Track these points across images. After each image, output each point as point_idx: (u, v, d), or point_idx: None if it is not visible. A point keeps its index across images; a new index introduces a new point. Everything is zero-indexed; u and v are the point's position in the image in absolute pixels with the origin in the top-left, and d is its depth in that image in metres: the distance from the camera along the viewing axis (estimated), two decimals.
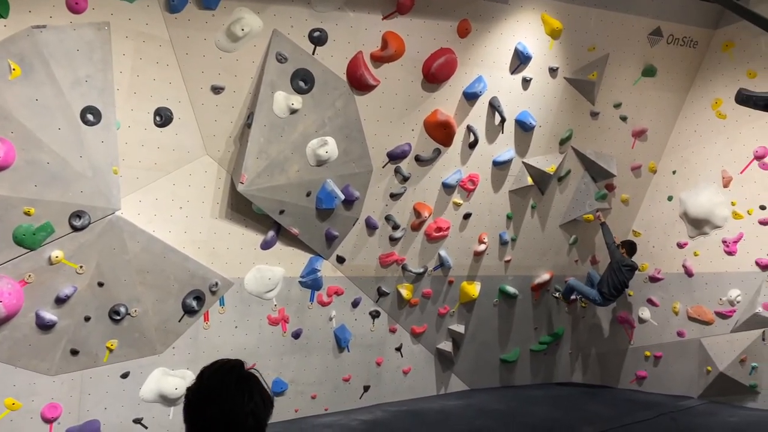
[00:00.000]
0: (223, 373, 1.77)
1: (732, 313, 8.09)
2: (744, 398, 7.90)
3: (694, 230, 8.59)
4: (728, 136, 8.33)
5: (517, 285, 8.93)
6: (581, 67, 8.23)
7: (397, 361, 8.21)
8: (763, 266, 7.84)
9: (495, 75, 7.79)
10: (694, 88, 8.78)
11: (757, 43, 8.04)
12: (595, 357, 9.47)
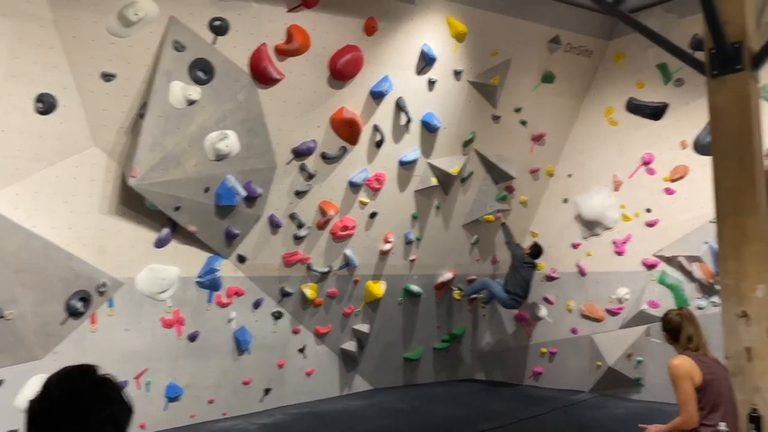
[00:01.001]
0: (73, 378, 1.58)
1: (620, 311, 8.53)
2: (630, 391, 8.34)
3: (587, 231, 8.99)
4: (619, 143, 8.78)
5: (421, 284, 9.02)
6: (484, 71, 8.42)
7: (300, 363, 8.05)
8: (648, 266, 8.31)
9: (401, 75, 7.81)
10: (589, 95, 9.21)
11: (645, 55, 8.51)
12: (496, 354, 9.73)
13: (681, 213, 8.03)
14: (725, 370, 4.18)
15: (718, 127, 4.76)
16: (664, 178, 8.30)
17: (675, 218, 8.08)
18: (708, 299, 7.67)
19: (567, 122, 9.32)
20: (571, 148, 9.35)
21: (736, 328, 4.54)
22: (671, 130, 8.24)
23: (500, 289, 8.80)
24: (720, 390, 4.00)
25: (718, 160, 4.76)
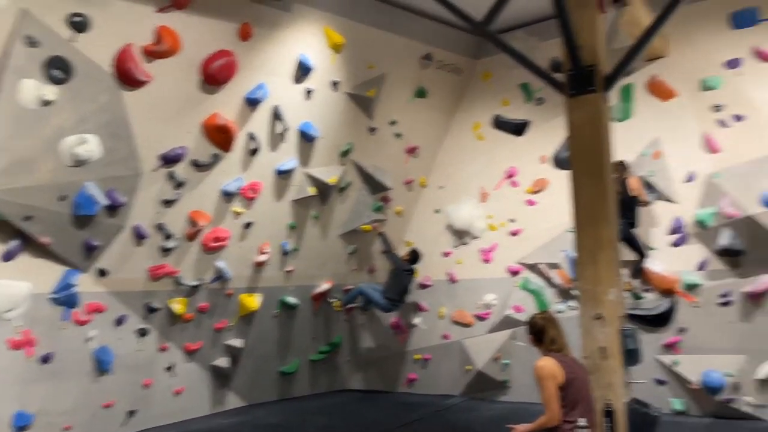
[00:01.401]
0: None
1: (488, 316, 8.94)
2: (498, 393, 8.75)
3: (457, 240, 9.36)
4: (486, 156, 9.25)
5: (298, 295, 8.90)
6: (361, 83, 8.52)
7: (167, 382, 7.62)
8: (512, 272, 8.80)
9: (278, 83, 7.70)
10: (459, 111, 9.62)
11: (510, 75, 9.04)
12: (372, 363, 9.81)
13: (541, 223, 8.58)
14: (584, 369, 4.48)
15: (575, 143, 5.15)
16: (526, 190, 8.84)
17: (536, 228, 8.63)
18: (566, 303, 8.24)
19: (439, 136, 9.66)
20: (442, 160, 9.71)
21: (592, 330, 4.92)
22: (532, 146, 8.82)
23: (378, 295, 8.92)
24: (580, 388, 4.27)
25: (576, 173, 5.15)
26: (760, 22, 7.40)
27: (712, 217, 7.38)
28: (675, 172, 7.76)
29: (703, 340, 7.39)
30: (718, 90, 7.58)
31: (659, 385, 7.55)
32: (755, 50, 7.40)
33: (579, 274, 5.08)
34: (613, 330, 4.85)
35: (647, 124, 7.98)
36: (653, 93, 8.04)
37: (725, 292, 7.30)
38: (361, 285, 9.20)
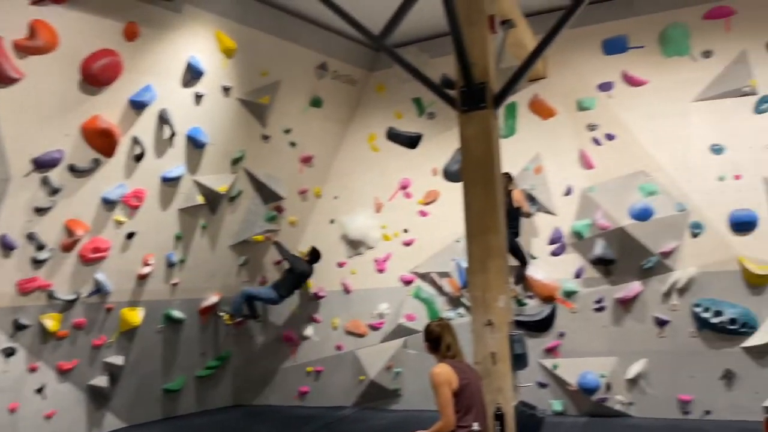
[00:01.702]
0: None
1: (381, 325, 9.03)
2: (390, 402, 8.85)
3: (351, 251, 9.39)
4: (380, 167, 9.38)
5: (184, 309, 8.52)
6: (254, 90, 8.35)
7: (37, 405, 7.00)
8: (405, 282, 8.96)
9: (165, 86, 7.36)
10: (354, 122, 9.69)
11: (403, 88, 9.25)
12: (262, 377, 9.58)
13: (433, 233, 8.82)
14: (477, 374, 4.64)
15: (467, 156, 5.34)
16: (418, 201, 9.06)
17: (428, 238, 8.85)
18: (455, 311, 8.50)
19: (333, 146, 9.67)
20: (337, 170, 9.72)
21: (483, 336, 5.10)
22: (424, 158, 9.05)
23: (267, 290, 8.84)
24: (473, 393, 4.41)
25: (468, 185, 5.33)
26: (629, 49, 8.10)
27: (587, 228, 7.92)
28: (554, 185, 8.27)
29: (580, 344, 7.90)
30: (592, 110, 8.19)
31: (541, 387, 7.97)
32: (625, 75, 8.08)
33: (470, 282, 5.25)
34: (502, 336, 5.05)
35: (529, 141, 8.46)
36: (534, 111, 8.53)
37: (599, 298, 7.86)
38: (242, 290, 8.94)
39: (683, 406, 7.39)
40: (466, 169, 5.32)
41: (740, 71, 7.55)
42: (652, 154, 7.83)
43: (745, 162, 7.42)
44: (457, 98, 5.38)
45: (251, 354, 9.63)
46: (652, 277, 7.64)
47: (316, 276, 9.40)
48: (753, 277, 7.20)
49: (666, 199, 7.67)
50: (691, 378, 7.38)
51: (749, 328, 7.15)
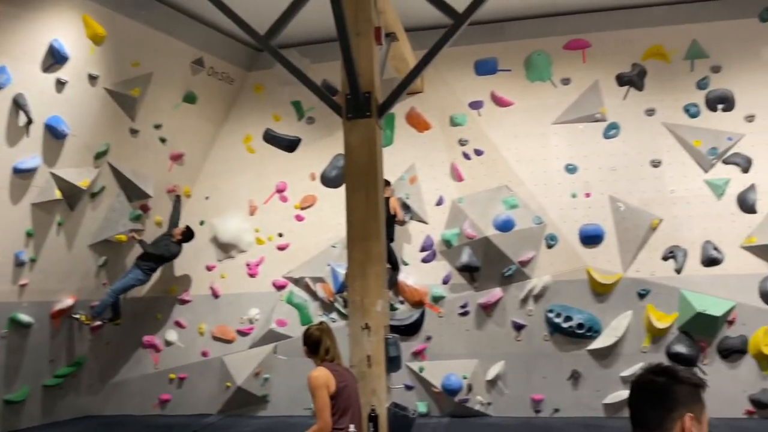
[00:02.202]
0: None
1: (251, 331, 8.85)
2: (257, 408, 8.69)
3: (222, 254, 9.12)
4: (256, 170, 9.21)
5: (32, 312, 7.79)
6: (124, 81, 7.87)
7: None
8: (278, 286, 8.86)
9: (23, 69, 6.74)
10: (229, 121, 9.44)
11: (282, 91, 9.18)
12: (118, 385, 9.01)
13: (308, 238, 8.82)
14: (354, 377, 4.71)
15: (351, 163, 5.43)
16: (295, 205, 9.01)
17: (303, 242, 8.84)
18: (328, 316, 8.56)
19: (206, 144, 9.35)
20: (209, 170, 9.40)
21: (360, 339, 5.20)
22: (302, 163, 9.04)
23: (131, 274, 8.44)
24: (350, 395, 4.47)
25: (350, 191, 5.42)
26: (498, 71, 8.67)
27: (455, 237, 8.35)
28: (427, 195, 8.63)
29: (445, 347, 8.28)
30: (464, 126, 8.66)
31: (408, 390, 8.24)
32: (493, 95, 8.63)
33: (350, 287, 5.34)
34: (378, 339, 5.18)
35: (405, 152, 8.76)
36: (411, 124, 8.85)
37: (464, 303, 8.30)
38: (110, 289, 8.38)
39: (535, 405, 7.99)
40: (350, 175, 5.41)
41: (593, 99, 8.37)
42: (515, 170, 8.43)
43: (595, 181, 8.23)
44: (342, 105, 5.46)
45: (108, 361, 9.00)
46: (511, 284, 8.21)
47: (183, 280, 9.02)
48: (598, 286, 7.98)
49: (526, 213, 8.28)
50: (543, 378, 8.01)
51: (594, 332, 7.90)
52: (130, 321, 8.93)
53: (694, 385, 1.77)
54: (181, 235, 8.61)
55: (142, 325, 9.07)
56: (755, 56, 8.08)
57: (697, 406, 1.75)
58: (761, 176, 7.84)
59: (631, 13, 8.39)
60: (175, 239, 8.59)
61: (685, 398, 1.75)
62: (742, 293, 7.64)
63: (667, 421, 1.73)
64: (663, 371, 1.79)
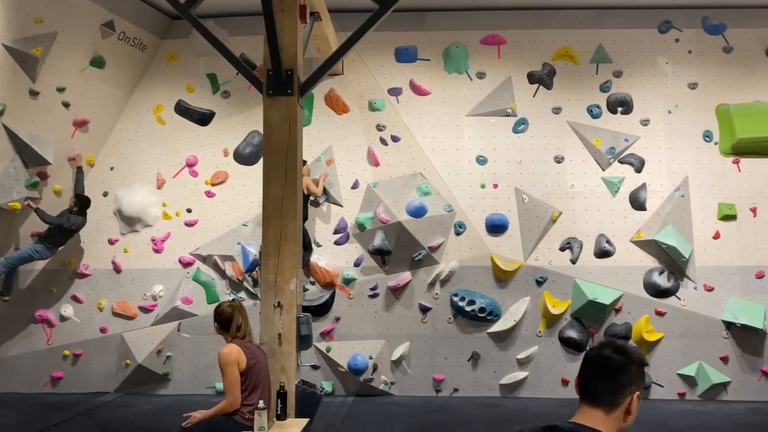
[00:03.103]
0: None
1: (154, 307, 8.59)
2: (158, 386, 8.47)
3: (126, 227, 8.76)
4: (166, 142, 8.89)
5: None
6: (25, 38, 7.35)
7: None
8: (185, 263, 8.63)
9: None
10: (139, 89, 9.03)
11: (197, 62, 8.89)
12: (4, 361, 8.48)
13: (219, 215, 8.65)
14: (264, 354, 4.74)
15: (270, 140, 5.40)
16: (206, 181, 8.79)
17: (213, 220, 8.65)
18: (236, 295, 8.45)
19: (114, 112, 8.90)
20: (115, 139, 8.96)
21: (272, 317, 5.22)
22: (216, 137, 8.82)
23: (32, 248, 7.97)
24: (260, 372, 4.51)
25: (268, 169, 5.39)
26: (418, 60, 8.83)
27: (369, 220, 8.47)
28: (343, 178, 8.68)
29: (353, 328, 8.42)
30: (382, 112, 8.76)
31: (314, 369, 8.32)
32: (412, 83, 8.79)
33: (263, 265, 5.33)
34: (290, 317, 5.22)
35: (323, 133, 8.76)
36: (330, 106, 8.85)
37: (374, 285, 8.46)
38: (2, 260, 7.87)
39: (437, 385, 8.31)
40: (268, 153, 5.37)
41: (505, 94, 8.72)
42: (429, 158, 8.65)
43: (503, 173, 8.60)
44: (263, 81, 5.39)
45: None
46: (420, 269, 8.46)
47: (83, 253, 8.60)
48: (500, 273, 8.38)
49: (437, 200, 8.54)
50: (445, 360, 8.34)
51: (494, 316, 8.30)
52: (22, 294, 8.42)
53: (644, 366, 1.93)
54: (75, 205, 8.15)
55: (34, 298, 8.56)
56: (653, 64, 8.71)
57: (642, 385, 1.91)
58: (652, 176, 8.51)
59: (543, 14, 8.80)
60: (73, 210, 8.14)
61: (638, 377, 1.89)
62: (629, 284, 8.29)
63: (618, 396, 1.85)
64: (620, 350, 1.91)
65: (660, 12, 8.76)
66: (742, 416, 7.25)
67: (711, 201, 8.44)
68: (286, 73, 5.32)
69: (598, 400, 1.86)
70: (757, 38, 8.73)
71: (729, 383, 8.09)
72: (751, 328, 8.04)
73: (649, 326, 8.19)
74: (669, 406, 7.69)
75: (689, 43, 8.74)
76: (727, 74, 8.68)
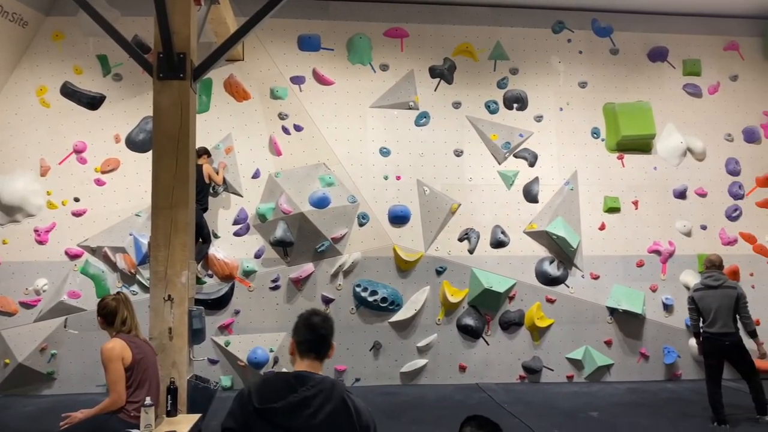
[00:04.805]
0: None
1: (37, 303, 8.04)
2: (41, 386, 7.94)
3: (5, 217, 8.13)
4: (50, 126, 8.31)
5: None
6: None
7: None
8: (72, 256, 8.12)
9: None
10: (20, 69, 8.38)
11: (86, 42, 8.37)
12: None
13: (110, 204, 8.19)
14: (152, 349, 4.54)
15: (160, 126, 5.16)
16: (95, 168, 8.30)
17: (103, 209, 8.19)
18: (129, 288, 8.06)
19: None
20: None
21: (162, 311, 5.01)
22: (106, 122, 8.35)
23: None
24: (147, 368, 4.31)
25: (158, 156, 5.16)
26: (321, 49, 8.75)
27: (271, 211, 8.32)
28: (243, 167, 8.47)
29: (253, 321, 8.26)
30: (284, 100, 8.62)
31: (212, 364, 8.09)
32: (315, 72, 8.70)
33: (153, 257, 5.10)
34: (182, 311, 5.03)
35: (222, 120, 8.50)
36: (229, 92, 8.60)
37: (276, 277, 8.33)
38: None
39: (338, 375, 8.31)
40: (158, 138, 5.14)
41: (408, 88, 8.82)
42: (333, 148, 8.61)
43: (405, 166, 8.71)
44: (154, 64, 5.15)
45: None
46: (323, 260, 8.41)
47: None
48: (402, 263, 8.50)
49: (341, 191, 8.52)
50: (347, 350, 8.36)
51: (396, 305, 8.41)
52: None
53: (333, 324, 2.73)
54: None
55: None
56: (546, 63, 9.11)
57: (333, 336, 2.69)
58: (544, 171, 8.91)
59: (444, 9, 8.97)
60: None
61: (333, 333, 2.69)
62: (522, 273, 8.65)
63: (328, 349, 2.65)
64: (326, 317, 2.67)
65: (554, 13, 9.16)
66: (623, 395, 7.77)
67: (597, 194, 8.96)
68: (178, 56, 5.10)
69: (321, 354, 2.57)
70: (641, 42, 9.33)
71: (612, 365, 8.64)
72: (632, 314, 8.63)
73: (540, 313, 8.59)
74: (558, 388, 8.11)
75: (580, 44, 9.21)
76: (614, 75, 9.22)
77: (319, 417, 2.33)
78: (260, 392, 2.38)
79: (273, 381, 2.43)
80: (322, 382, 2.43)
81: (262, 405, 2.34)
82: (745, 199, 9.23)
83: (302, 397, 2.35)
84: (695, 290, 6.53)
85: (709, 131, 9.30)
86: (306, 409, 2.33)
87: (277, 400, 2.34)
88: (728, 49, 9.51)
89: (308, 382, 2.41)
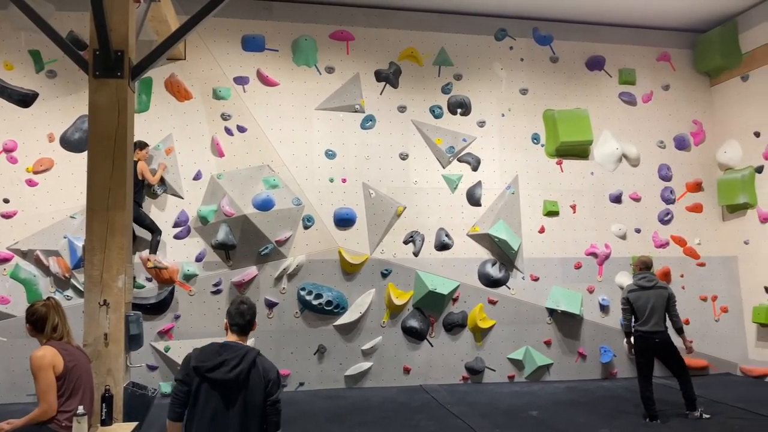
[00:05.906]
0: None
1: None
2: None
3: None
4: None
5: None
6: None
7: None
8: (0, 259, 7.74)
9: None
10: None
11: (17, 36, 8.02)
12: None
13: (42, 206, 7.87)
14: (85, 356, 4.38)
15: (96, 125, 5.00)
16: (27, 168, 7.95)
17: (35, 211, 7.86)
18: (62, 293, 7.76)
19: None
20: None
21: (97, 316, 4.85)
22: (39, 121, 8.01)
23: None
24: (80, 375, 4.16)
25: (93, 156, 5.00)
26: (265, 50, 8.65)
27: (212, 213, 8.17)
28: (184, 168, 8.29)
29: (195, 326, 8.08)
30: (227, 101, 8.48)
31: (151, 370, 7.87)
32: (260, 73, 8.60)
33: (88, 261, 4.93)
34: (118, 316, 4.88)
35: (162, 120, 8.29)
36: (170, 91, 8.40)
37: (218, 281, 8.18)
38: None
39: (283, 380, 8.22)
40: (94, 138, 4.97)
41: (354, 90, 8.83)
42: (277, 150, 8.53)
43: (351, 168, 8.71)
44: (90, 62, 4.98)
45: None
46: (267, 263, 8.32)
47: None
48: (348, 266, 8.49)
49: (286, 193, 8.44)
50: (291, 354, 8.29)
51: (341, 309, 8.39)
52: None
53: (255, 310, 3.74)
54: None
55: None
56: (489, 70, 9.29)
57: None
58: (486, 175, 9.08)
59: (389, 13, 9.03)
60: None
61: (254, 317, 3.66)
62: (465, 275, 8.79)
63: (251, 328, 3.62)
64: (251, 305, 3.62)
65: (496, 20, 9.36)
66: (562, 394, 7.98)
67: (537, 198, 9.20)
68: (116, 54, 4.95)
69: (245, 331, 3.57)
70: (579, 51, 9.64)
71: (551, 365, 8.87)
72: (570, 314, 8.89)
73: (482, 314, 8.75)
74: (499, 388, 8.27)
75: (521, 51, 9.43)
76: (554, 82, 9.49)
77: (233, 372, 3.35)
78: (197, 356, 3.43)
79: (207, 348, 3.47)
80: (241, 349, 3.46)
81: (196, 364, 3.39)
82: (676, 204, 9.66)
83: (223, 359, 3.38)
84: (630, 291, 6.78)
85: (642, 138, 9.69)
86: (224, 367, 3.36)
87: (206, 361, 3.38)
88: (661, 60, 9.93)
89: (230, 349, 3.45)
